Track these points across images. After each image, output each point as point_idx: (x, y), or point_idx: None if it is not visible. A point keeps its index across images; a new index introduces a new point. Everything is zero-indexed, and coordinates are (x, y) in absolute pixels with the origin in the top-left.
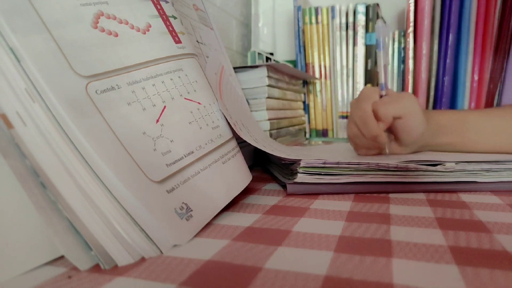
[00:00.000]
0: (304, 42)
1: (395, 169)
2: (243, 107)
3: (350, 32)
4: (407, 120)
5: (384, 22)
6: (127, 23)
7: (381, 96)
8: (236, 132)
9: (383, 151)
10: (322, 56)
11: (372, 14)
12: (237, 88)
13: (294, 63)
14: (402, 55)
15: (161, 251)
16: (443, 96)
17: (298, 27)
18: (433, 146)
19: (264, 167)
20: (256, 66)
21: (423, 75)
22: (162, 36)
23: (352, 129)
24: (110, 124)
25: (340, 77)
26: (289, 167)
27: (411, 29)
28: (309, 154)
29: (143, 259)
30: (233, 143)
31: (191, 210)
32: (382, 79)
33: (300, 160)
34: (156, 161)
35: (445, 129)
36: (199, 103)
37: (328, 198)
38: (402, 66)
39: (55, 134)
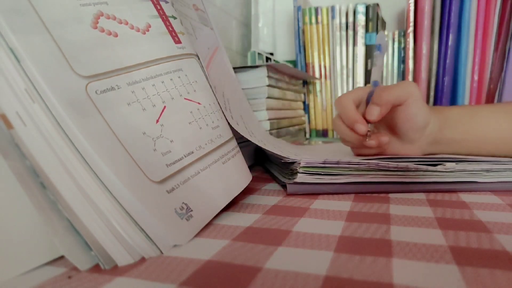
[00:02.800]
0: (304, 42)
1: (395, 169)
2: (236, 89)
3: (350, 32)
4: (408, 106)
5: (384, 26)
6: (127, 23)
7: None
8: (226, 117)
9: (365, 142)
10: (322, 56)
11: (372, 14)
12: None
13: (294, 63)
14: (402, 55)
15: (161, 251)
16: (443, 96)
17: (298, 27)
18: (443, 144)
19: (264, 167)
20: (256, 66)
21: (423, 75)
22: (162, 36)
23: (337, 125)
24: (110, 124)
25: (340, 77)
26: (289, 167)
27: (411, 29)
28: (311, 153)
29: (143, 259)
30: (233, 143)
31: (191, 210)
32: (375, 77)
33: (300, 159)
34: (156, 161)
35: (451, 121)
36: (199, 103)
37: (328, 198)
38: (402, 66)
39: (55, 134)
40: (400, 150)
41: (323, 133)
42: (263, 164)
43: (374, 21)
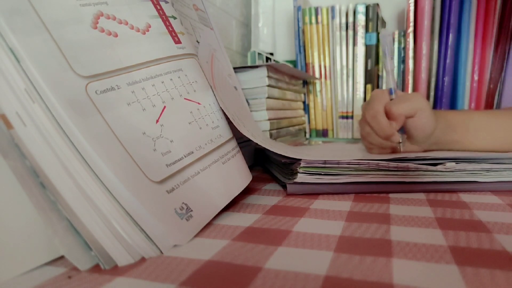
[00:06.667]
0: (304, 42)
1: (395, 169)
2: (237, 99)
3: (350, 32)
4: (419, 118)
5: (384, 25)
6: (126, 23)
7: (391, 100)
8: (235, 126)
9: (397, 149)
10: (322, 56)
11: (372, 14)
12: (237, 84)
13: (294, 63)
14: (402, 55)
15: (161, 251)
16: (443, 96)
17: (298, 27)
18: (443, 144)
19: (264, 167)
20: (256, 66)
21: (423, 75)
22: (162, 36)
23: (364, 128)
24: (110, 125)
25: (340, 77)
26: (289, 167)
27: (411, 29)
28: (311, 153)
29: (143, 259)
30: (233, 143)
31: (191, 210)
32: (390, 84)
33: (300, 159)
34: (156, 161)
35: (453, 126)
36: (198, 103)
37: (328, 198)
38: (402, 66)
39: (55, 135)
40: (407, 148)
41: (323, 133)
42: (263, 164)
43: (374, 21)
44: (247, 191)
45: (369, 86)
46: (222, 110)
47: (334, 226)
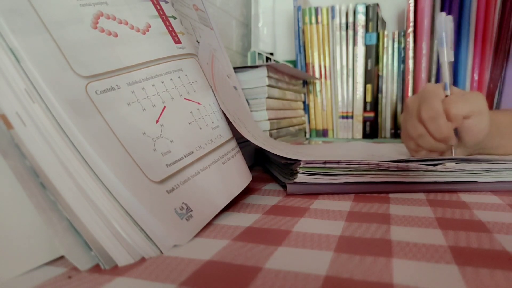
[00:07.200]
0: (304, 42)
1: (395, 169)
2: (237, 99)
3: (350, 32)
4: (476, 120)
5: (384, 26)
6: (126, 23)
7: (446, 97)
8: (236, 128)
9: (448, 153)
10: (322, 56)
11: (372, 14)
12: (237, 85)
13: (294, 63)
14: (402, 55)
15: (161, 251)
16: None
17: (298, 27)
18: (489, 149)
19: (264, 167)
20: (256, 66)
21: (423, 75)
22: (162, 36)
23: (416, 129)
24: (110, 125)
25: (340, 77)
26: (289, 167)
27: (411, 29)
28: (311, 153)
29: (143, 259)
30: (233, 143)
31: (191, 210)
32: (446, 78)
33: (300, 160)
34: (156, 161)
35: (501, 130)
36: (198, 103)
37: (328, 198)
38: (402, 66)
39: (55, 135)
40: (458, 154)
41: (323, 133)
42: (263, 164)
43: (374, 21)
44: (247, 191)
45: (369, 86)
46: (222, 110)
47: (334, 226)
